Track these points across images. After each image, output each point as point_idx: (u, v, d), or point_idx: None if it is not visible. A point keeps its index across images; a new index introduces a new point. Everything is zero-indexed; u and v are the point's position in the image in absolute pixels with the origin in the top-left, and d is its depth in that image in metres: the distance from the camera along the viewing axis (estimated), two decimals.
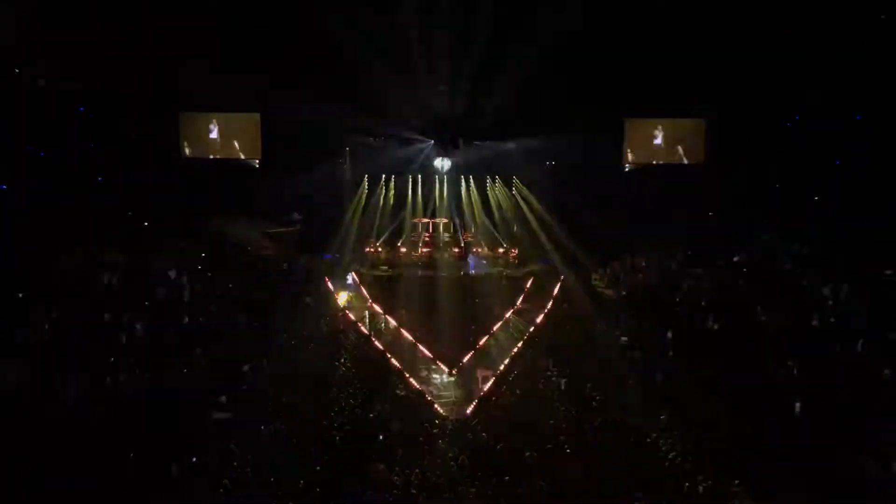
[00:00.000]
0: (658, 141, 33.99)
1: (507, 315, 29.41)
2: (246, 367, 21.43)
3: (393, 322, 27.84)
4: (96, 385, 18.41)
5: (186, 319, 23.49)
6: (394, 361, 24.52)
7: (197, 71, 30.46)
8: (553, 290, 31.55)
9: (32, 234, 23.41)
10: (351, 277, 31.97)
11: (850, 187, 28.22)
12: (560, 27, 29.15)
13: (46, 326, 20.31)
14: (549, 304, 30.31)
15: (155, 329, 22.09)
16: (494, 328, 27.89)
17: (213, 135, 33.79)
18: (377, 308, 29.24)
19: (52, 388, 17.55)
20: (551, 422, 19.05)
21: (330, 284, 31.49)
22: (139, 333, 21.62)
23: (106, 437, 16.20)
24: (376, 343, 26.28)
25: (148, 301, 24.11)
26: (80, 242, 24.10)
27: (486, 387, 22.84)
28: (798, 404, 17.91)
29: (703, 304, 25.74)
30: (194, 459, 16.64)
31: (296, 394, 20.53)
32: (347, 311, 29.48)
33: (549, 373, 22.93)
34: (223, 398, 19.34)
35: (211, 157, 33.88)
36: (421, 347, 25.60)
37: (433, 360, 24.80)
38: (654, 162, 34.01)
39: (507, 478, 16.13)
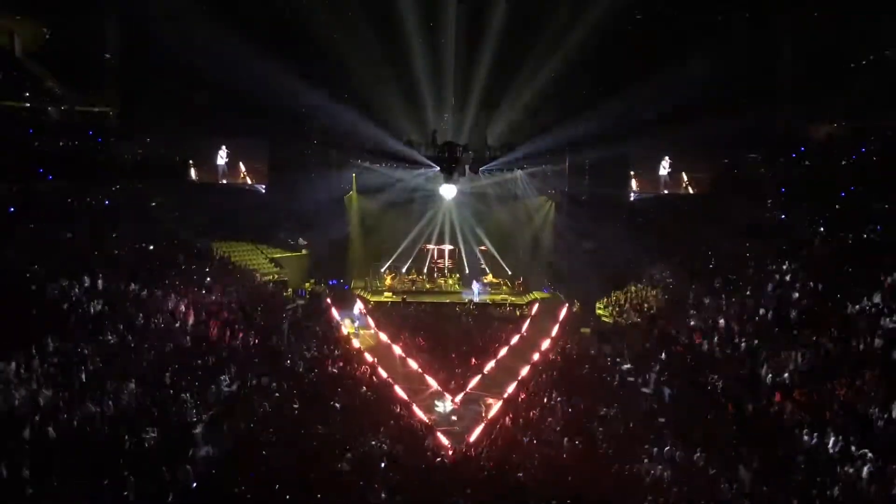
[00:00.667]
0: (664, 171, 34.24)
1: (513, 341, 29.40)
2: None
3: (399, 351, 27.70)
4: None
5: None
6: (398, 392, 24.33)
7: (207, 96, 31.00)
8: (558, 318, 31.57)
9: (34, 260, 23.42)
10: (357, 309, 31.90)
11: (855, 215, 28.36)
12: (566, 58, 29.63)
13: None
14: (555, 331, 30.30)
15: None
16: (501, 354, 27.89)
17: (221, 160, 34.14)
18: (384, 338, 29.14)
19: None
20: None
21: (336, 314, 31.32)
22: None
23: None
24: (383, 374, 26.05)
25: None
26: (80, 268, 23.96)
27: (491, 414, 22.75)
28: None
29: (708, 333, 25.66)
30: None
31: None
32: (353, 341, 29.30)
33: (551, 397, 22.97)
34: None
35: (220, 181, 34.19)
36: (427, 378, 25.55)
37: (440, 392, 24.69)
38: (661, 192, 34.22)
39: None
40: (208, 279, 28.34)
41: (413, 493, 15.48)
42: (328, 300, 32.70)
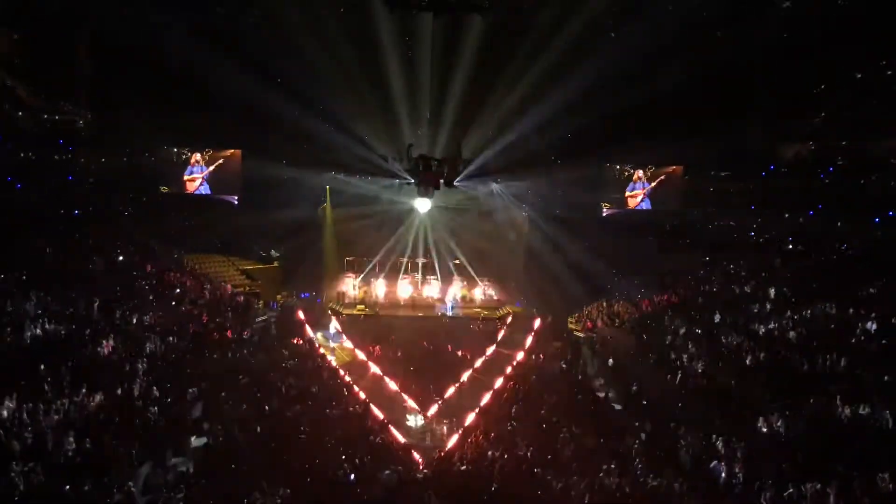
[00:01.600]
0: (636, 188, 34.58)
1: (488, 352, 29.54)
2: None
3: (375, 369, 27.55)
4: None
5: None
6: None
7: (179, 107, 30.72)
8: (532, 329, 31.76)
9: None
10: (333, 327, 31.71)
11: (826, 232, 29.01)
12: (539, 72, 29.80)
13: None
14: (528, 343, 30.51)
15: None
16: (475, 366, 27.99)
17: (193, 172, 33.78)
18: (360, 354, 28.98)
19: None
20: None
21: (309, 330, 31.06)
22: None
23: None
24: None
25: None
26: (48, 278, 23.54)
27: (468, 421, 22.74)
28: None
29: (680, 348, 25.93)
30: None
31: None
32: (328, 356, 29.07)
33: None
34: None
35: (189, 192, 33.85)
36: (404, 396, 25.50)
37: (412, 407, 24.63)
38: (632, 207, 34.55)
39: None
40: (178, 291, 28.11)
41: None
42: (300, 314, 32.31)
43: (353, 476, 17.01)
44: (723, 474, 16.65)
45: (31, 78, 29.76)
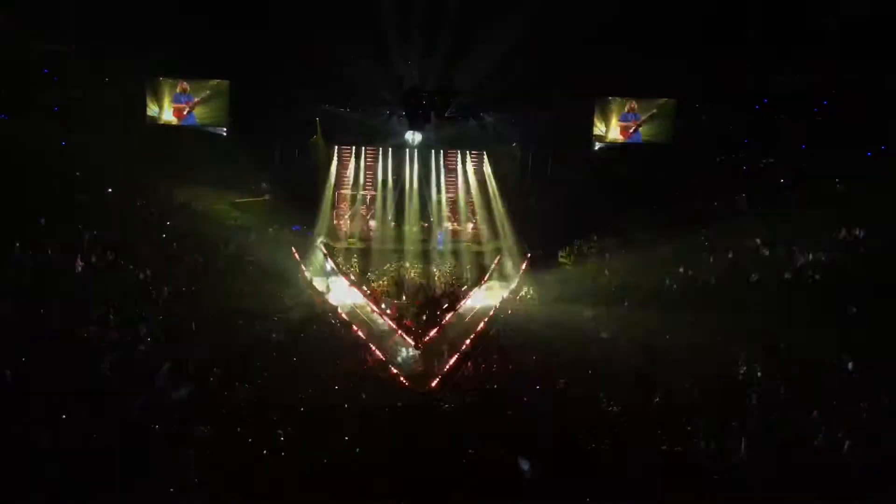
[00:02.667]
0: (628, 118, 34.20)
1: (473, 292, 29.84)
2: None
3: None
4: None
5: None
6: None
7: (166, 35, 30.03)
8: (521, 266, 31.98)
9: None
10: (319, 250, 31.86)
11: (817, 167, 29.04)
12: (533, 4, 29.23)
13: None
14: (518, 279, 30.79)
15: None
16: (460, 305, 28.34)
17: (181, 101, 33.15)
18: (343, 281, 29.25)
19: None
20: None
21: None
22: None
23: None
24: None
25: None
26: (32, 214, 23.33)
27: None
28: None
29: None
30: None
31: None
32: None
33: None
34: None
35: (177, 123, 33.26)
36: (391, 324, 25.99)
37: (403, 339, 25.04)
38: (623, 141, 34.25)
39: None
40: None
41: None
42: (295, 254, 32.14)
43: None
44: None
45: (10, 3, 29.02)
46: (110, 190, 28.69)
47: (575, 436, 15.99)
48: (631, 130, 34.11)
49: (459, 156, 37.80)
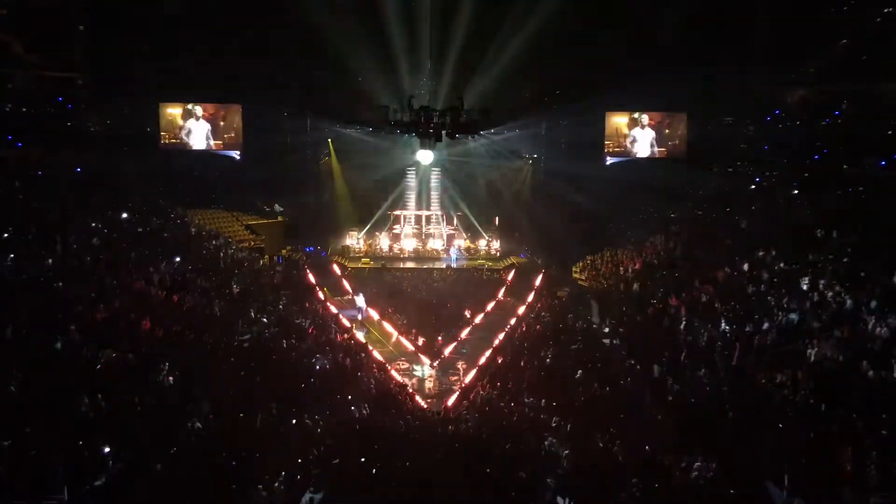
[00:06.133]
0: (640, 134, 34.15)
1: (489, 307, 29.75)
2: None
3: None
4: None
5: None
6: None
7: (178, 61, 30.42)
8: (534, 285, 31.86)
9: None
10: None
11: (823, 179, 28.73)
12: (542, 21, 29.37)
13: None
14: (531, 297, 30.62)
15: None
16: (477, 320, 28.27)
17: (194, 125, 33.44)
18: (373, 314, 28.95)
19: None
20: None
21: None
22: None
23: None
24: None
25: None
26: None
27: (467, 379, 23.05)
28: None
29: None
30: None
31: None
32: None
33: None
34: None
35: (191, 147, 33.59)
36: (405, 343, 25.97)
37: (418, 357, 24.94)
38: (635, 155, 34.20)
39: None
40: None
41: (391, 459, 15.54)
42: (310, 276, 32.03)
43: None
44: None
45: (27, 35, 29.47)
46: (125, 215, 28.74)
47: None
48: (643, 145, 34.01)
49: (471, 172, 38.00)
